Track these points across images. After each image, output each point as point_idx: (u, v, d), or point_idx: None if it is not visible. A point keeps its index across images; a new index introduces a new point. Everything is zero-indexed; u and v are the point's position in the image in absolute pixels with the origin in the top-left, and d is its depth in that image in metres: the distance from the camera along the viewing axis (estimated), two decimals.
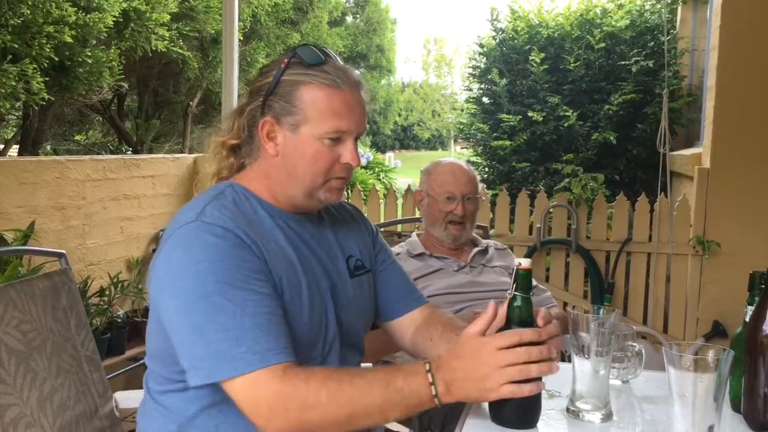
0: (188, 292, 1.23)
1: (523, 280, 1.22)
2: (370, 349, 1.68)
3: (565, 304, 4.26)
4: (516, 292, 1.23)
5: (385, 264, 1.63)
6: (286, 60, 1.38)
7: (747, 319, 1.37)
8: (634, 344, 1.61)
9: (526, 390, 1.16)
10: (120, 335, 3.53)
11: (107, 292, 3.63)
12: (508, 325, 1.23)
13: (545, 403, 1.47)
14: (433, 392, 1.17)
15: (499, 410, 1.25)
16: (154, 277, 1.31)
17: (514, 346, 1.17)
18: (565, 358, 3.07)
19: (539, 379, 1.19)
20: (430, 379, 1.17)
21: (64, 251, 1.92)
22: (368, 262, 1.58)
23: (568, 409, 1.40)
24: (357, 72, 1.44)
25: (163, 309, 1.29)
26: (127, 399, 1.81)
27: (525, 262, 1.21)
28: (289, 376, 1.18)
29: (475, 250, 2.47)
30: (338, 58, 1.42)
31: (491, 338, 1.17)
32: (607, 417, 1.37)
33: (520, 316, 1.23)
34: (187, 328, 1.22)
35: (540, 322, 1.25)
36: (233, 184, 1.43)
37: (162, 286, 1.28)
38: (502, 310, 1.24)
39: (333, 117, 1.35)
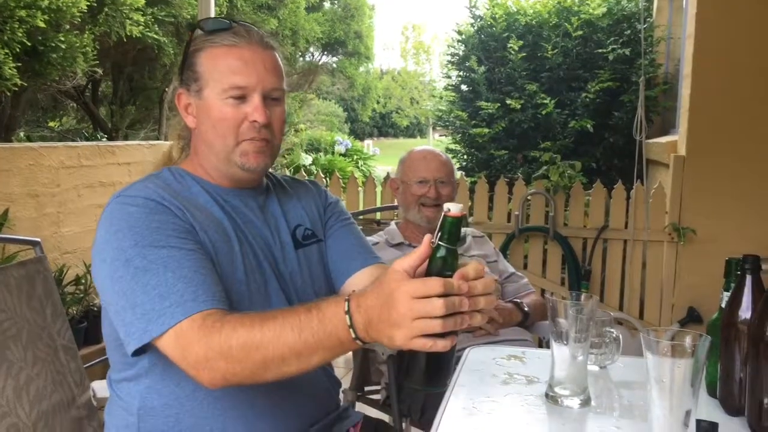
0: (111, 262, 1.23)
1: (451, 228, 1.05)
2: None
3: (543, 291, 4.29)
4: (440, 242, 1.06)
5: (335, 227, 1.58)
6: (190, 33, 1.41)
7: (723, 305, 1.38)
8: (612, 330, 1.62)
9: (439, 345, 1.00)
10: (96, 324, 3.48)
11: (83, 281, 3.59)
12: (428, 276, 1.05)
13: (524, 388, 1.48)
14: (353, 335, 1.05)
15: (407, 367, 1.11)
16: (92, 261, 1.31)
17: (430, 297, 0.99)
18: (543, 344, 3.10)
19: (454, 333, 1.03)
20: (348, 322, 1.05)
21: (38, 239, 1.90)
22: (319, 231, 1.55)
23: (546, 395, 1.41)
24: (266, 33, 1.42)
25: (99, 288, 1.29)
26: (104, 388, 1.78)
27: (455, 209, 1.05)
28: (207, 324, 1.14)
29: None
30: (249, 25, 1.41)
31: (407, 282, 1.00)
32: (586, 402, 1.39)
33: (443, 268, 1.06)
34: (116, 297, 1.21)
35: (465, 274, 1.04)
36: (171, 167, 1.44)
37: (94, 266, 1.29)
38: (424, 247, 1.06)
39: (229, 73, 1.34)
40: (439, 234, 1.07)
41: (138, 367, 1.32)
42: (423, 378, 1.10)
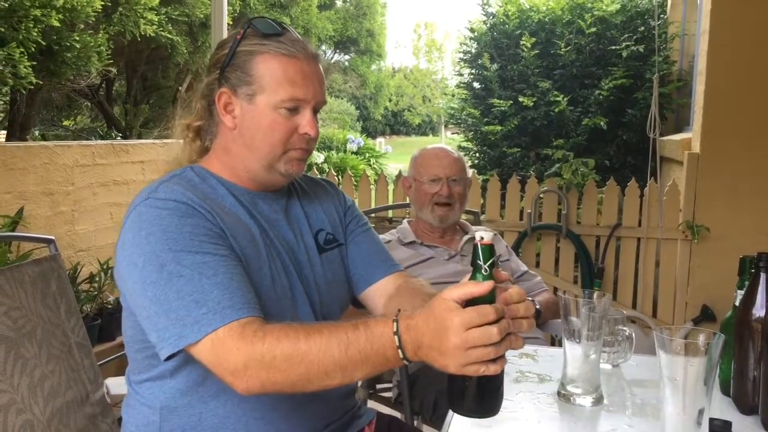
0: (143, 266, 1.21)
1: (485, 255, 1.10)
2: None
3: (556, 289, 4.28)
4: (480, 269, 1.10)
5: (356, 233, 1.59)
6: (241, 31, 1.38)
7: (737, 303, 1.38)
8: (625, 328, 1.62)
9: (491, 369, 1.03)
10: (110, 321, 3.52)
11: (97, 279, 3.61)
12: (471, 301, 1.08)
13: (536, 386, 1.48)
14: (401, 355, 1.08)
15: (459, 397, 1.12)
16: (116, 263, 1.30)
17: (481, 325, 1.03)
18: (555, 342, 3.09)
19: (502, 356, 1.07)
20: (397, 342, 1.07)
21: (53, 237, 1.91)
22: (340, 236, 1.56)
23: (559, 393, 1.41)
24: (314, 45, 1.42)
25: (127, 291, 1.28)
26: (118, 385, 1.80)
27: (487, 236, 1.10)
28: (247, 332, 1.14)
29: (465, 238, 2.48)
30: (294, 31, 1.41)
31: (460, 312, 1.02)
32: (598, 401, 1.38)
33: (489, 295, 1.08)
34: (148, 302, 1.20)
35: (508, 298, 1.10)
36: (193, 166, 1.42)
37: (121, 269, 1.27)
38: (486, 286, 1.07)
39: (288, 85, 1.33)
40: (477, 261, 1.10)
41: (162, 368, 1.32)
42: (476, 405, 1.12)
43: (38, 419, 1.56)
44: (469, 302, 1.06)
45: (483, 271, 1.09)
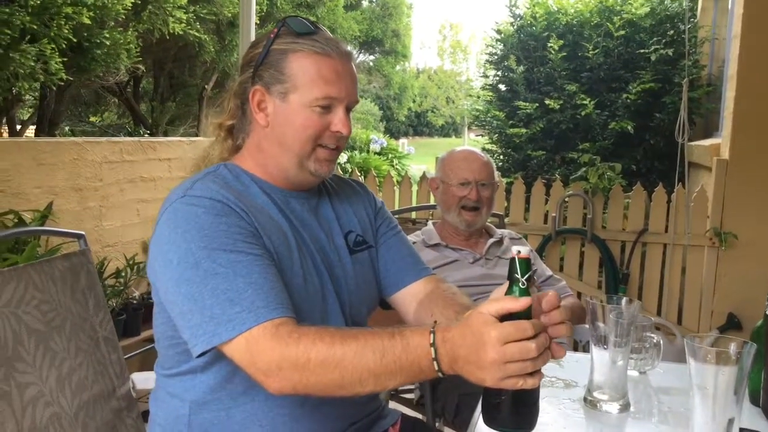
0: (178, 263, 1.22)
1: (523, 268, 1.11)
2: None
3: (579, 294, 4.25)
4: (517, 283, 1.11)
5: (387, 236, 1.60)
6: (275, 30, 1.39)
7: (767, 312, 1.36)
8: (652, 335, 1.60)
9: (529, 383, 1.04)
10: (135, 317, 3.56)
11: (123, 274, 3.65)
12: (507, 315, 1.09)
13: (562, 392, 1.47)
14: (436, 367, 1.08)
15: (495, 411, 1.12)
16: (150, 259, 1.31)
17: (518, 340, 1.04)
18: (579, 347, 3.07)
19: (539, 370, 1.08)
20: (433, 354, 1.08)
21: (83, 232, 1.93)
22: (370, 238, 1.56)
23: (585, 399, 1.40)
24: (347, 45, 1.43)
25: (160, 287, 1.29)
26: (143, 380, 1.82)
27: (524, 250, 1.12)
28: (282, 333, 1.14)
29: (490, 241, 2.47)
30: (327, 31, 1.41)
31: (497, 327, 1.03)
32: (625, 407, 1.37)
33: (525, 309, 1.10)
34: (182, 299, 1.21)
35: (545, 306, 1.13)
36: (227, 164, 1.43)
37: (155, 265, 1.28)
38: (523, 302, 1.08)
39: (322, 84, 1.34)
40: (514, 275, 1.11)
41: (193, 363, 1.33)
42: (513, 419, 1.12)
43: (66, 412, 1.59)
44: (506, 316, 1.06)
45: (520, 284, 1.10)
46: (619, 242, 4.40)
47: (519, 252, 1.11)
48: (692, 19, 5.67)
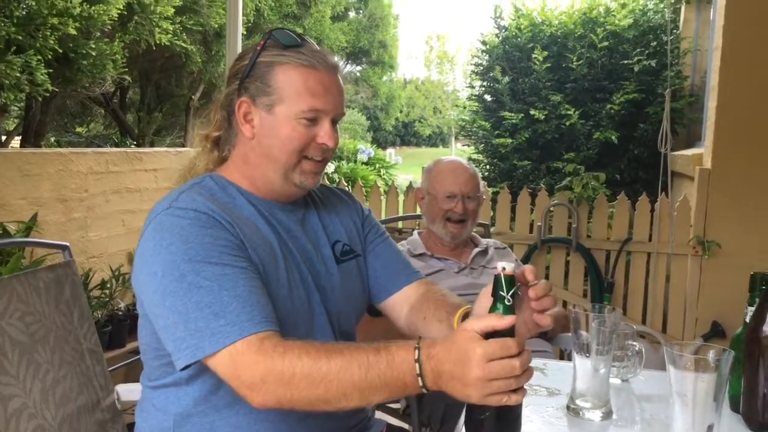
0: (163, 276, 1.22)
1: (508, 285, 1.13)
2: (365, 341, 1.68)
3: (565, 303, 4.27)
4: (501, 299, 1.13)
5: (376, 243, 1.60)
6: (262, 42, 1.39)
7: (747, 320, 1.37)
8: (635, 343, 1.62)
9: (513, 399, 1.06)
10: (121, 328, 3.54)
11: (108, 285, 3.64)
12: (491, 332, 1.10)
13: (545, 400, 1.48)
14: (420, 383, 1.10)
15: (479, 426, 1.15)
16: (134, 271, 1.31)
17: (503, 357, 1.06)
18: (564, 356, 3.09)
19: (522, 387, 1.09)
20: (418, 370, 1.09)
21: (67, 244, 1.93)
22: (358, 246, 1.57)
23: (568, 407, 1.41)
24: (334, 56, 1.43)
25: (145, 300, 1.29)
26: (128, 392, 1.81)
27: (509, 267, 1.14)
28: (266, 347, 1.14)
29: (476, 251, 2.48)
30: (314, 43, 1.42)
31: (483, 344, 1.05)
32: (607, 415, 1.38)
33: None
34: (166, 312, 1.21)
35: (534, 294, 1.22)
36: (212, 175, 1.43)
37: (140, 277, 1.28)
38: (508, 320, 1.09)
39: (308, 96, 1.34)
40: (499, 292, 1.13)
41: (177, 376, 1.32)
42: None
43: (49, 424, 1.58)
44: (491, 333, 1.08)
45: (505, 301, 1.12)
46: (604, 251, 4.43)
47: (504, 269, 1.13)
48: (675, 31, 5.74)
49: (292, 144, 1.35)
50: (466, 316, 1.39)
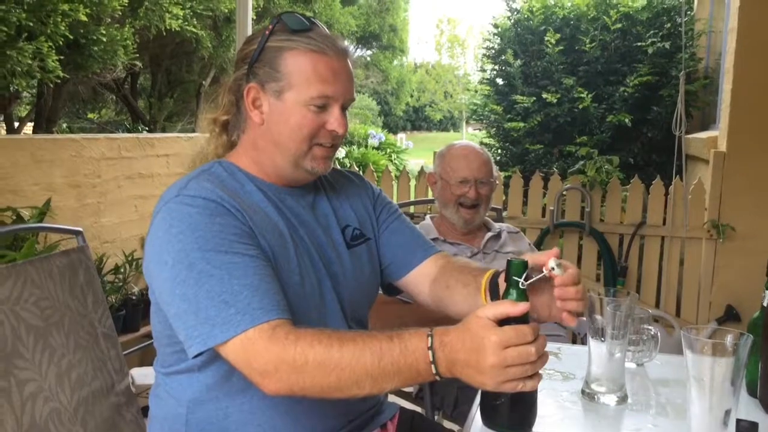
0: (173, 265, 1.21)
1: (518, 270, 1.14)
2: (378, 326, 1.68)
3: None
4: (514, 285, 1.14)
5: (389, 221, 1.59)
6: (270, 27, 1.37)
7: (765, 304, 1.36)
8: (650, 327, 1.61)
9: (528, 385, 1.06)
10: (135, 313, 3.56)
11: (122, 270, 3.66)
12: (505, 319, 1.09)
13: (560, 384, 1.47)
14: (434, 370, 1.09)
15: (494, 413, 1.16)
16: (145, 259, 1.30)
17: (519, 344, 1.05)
18: (577, 340, 3.08)
19: (537, 373, 1.09)
20: (431, 357, 1.08)
21: (81, 229, 1.93)
22: (369, 230, 1.55)
23: (583, 392, 1.41)
24: (344, 41, 1.40)
25: (156, 288, 1.29)
26: (142, 375, 1.83)
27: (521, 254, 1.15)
28: (278, 335, 1.14)
29: (488, 235, 2.47)
30: (324, 27, 1.40)
31: (497, 331, 1.04)
32: (622, 400, 1.38)
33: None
34: (177, 300, 1.20)
35: (562, 281, 1.22)
36: (221, 161, 1.42)
37: (150, 266, 1.28)
38: (522, 307, 1.09)
39: (318, 82, 1.32)
40: (512, 277, 1.13)
41: (190, 362, 1.32)
42: (512, 420, 1.15)
43: (65, 408, 1.59)
44: (504, 320, 1.07)
45: (519, 287, 1.13)
46: (617, 235, 4.40)
47: (515, 255, 1.12)
48: (689, 12, 5.67)
49: (302, 131, 1.34)
50: (494, 279, 1.38)
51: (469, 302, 1.41)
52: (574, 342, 3.10)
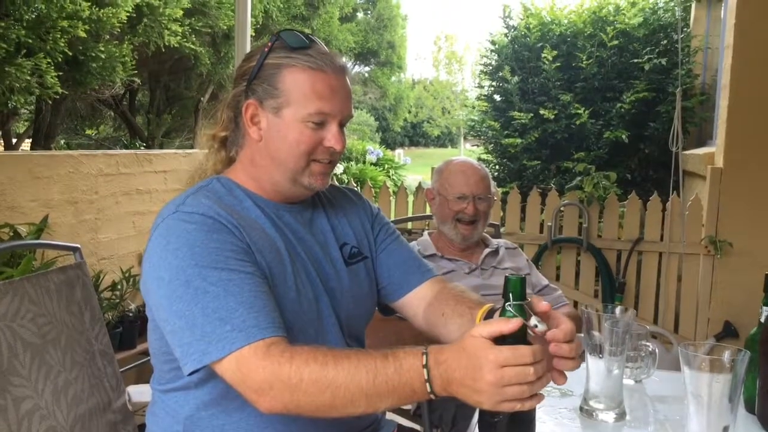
0: (170, 281, 1.21)
1: (516, 288, 1.12)
2: (375, 343, 1.67)
3: (576, 303, 4.25)
4: (511, 304, 1.12)
5: (387, 242, 1.59)
6: (269, 44, 1.38)
7: (762, 320, 1.36)
8: (648, 344, 1.61)
9: (526, 405, 1.04)
10: (131, 329, 3.55)
11: (119, 287, 3.64)
12: (503, 336, 1.07)
13: (558, 401, 1.47)
14: (428, 389, 1.08)
15: (492, 431, 1.14)
16: (143, 276, 1.30)
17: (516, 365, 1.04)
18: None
19: (536, 393, 1.07)
20: (426, 376, 1.08)
21: (78, 245, 1.93)
22: (366, 249, 1.55)
23: (581, 408, 1.40)
24: (342, 58, 1.41)
25: (152, 304, 1.29)
26: (139, 393, 1.81)
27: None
28: (274, 353, 1.14)
29: (486, 251, 2.47)
30: (322, 44, 1.41)
31: (494, 351, 1.03)
32: (621, 416, 1.37)
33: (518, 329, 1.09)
34: (173, 317, 1.20)
35: (554, 336, 1.13)
36: (220, 177, 1.42)
37: (147, 282, 1.28)
38: (514, 323, 1.07)
39: (316, 99, 1.33)
40: (508, 294, 1.11)
41: (187, 379, 1.31)
42: None
43: (61, 426, 1.58)
44: (501, 338, 1.06)
45: (514, 305, 1.11)
46: (615, 251, 4.41)
47: (512, 273, 1.11)
48: (685, 29, 5.71)
49: (300, 147, 1.34)
50: (490, 314, 1.37)
51: (462, 332, 1.40)
52: None
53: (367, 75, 17.68)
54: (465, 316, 1.41)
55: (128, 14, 4.51)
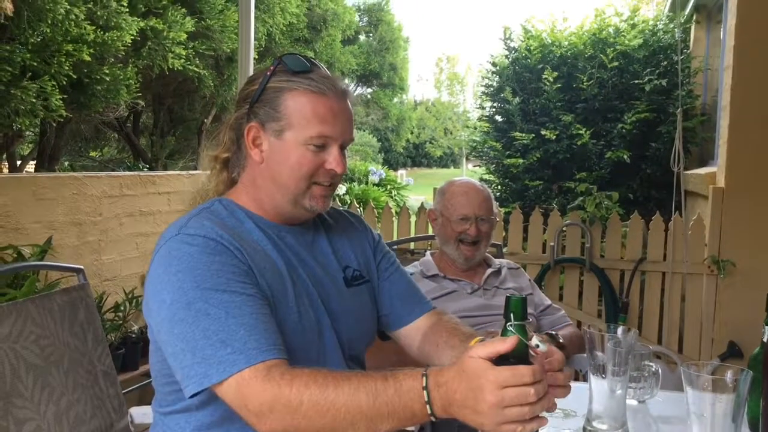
0: (171, 303, 1.22)
1: (517, 308, 1.11)
2: (376, 363, 1.67)
3: (579, 324, 4.24)
4: (512, 324, 1.10)
5: (389, 272, 1.60)
6: (272, 67, 1.39)
7: (765, 340, 1.36)
8: (651, 364, 1.60)
9: (528, 428, 1.04)
10: (134, 351, 3.55)
11: (122, 308, 3.65)
12: (504, 357, 1.07)
13: (561, 422, 1.46)
14: (429, 411, 1.08)
15: None
16: (145, 298, 1.31)
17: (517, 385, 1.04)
18: (579, 377, 3.06)
19: (538, 416, 1.06)
20: (426, 398, 1.08)
21: (81, 267, 1.94)
22: (367, 272, 1.56)
23: (584, 429, 1.40)
24: (344, 81, 1.43)
25: (154, 326, 1.29)
26: (141, 414, 1.81)
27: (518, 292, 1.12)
28: (274, 375, 1.14)
29: (489, 271, 2.46)
30: (324, 68, 1.42)
31: (494, 372, 1.03)
32: None
33: (518, 349, 1.09)
34: (174, 339, 1.20)
35: (547, 366, 1.13)
36: (221, 198, 1.43)
37: (149, 304, 1.28)
38: (510, 342, 1.07)
39: (317, 122, 1.34)
40: (510, 315, 1.11)
41: (188, 402, 1.30)
42: None
43: None
44: (501, 358, 1.06)
45: (514, 326, 1.10)
46: (618, 271, 4.40)
47: (513, 293, 1.10)
48: (685, 50, 5.75)
49: (301, 170, 1.36)
50: None
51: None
52: (575, 379, 3.07)
53: (369, 96, 17.77)
54: (456, 348, 1.42)
55: (133, 38, 4.55)
